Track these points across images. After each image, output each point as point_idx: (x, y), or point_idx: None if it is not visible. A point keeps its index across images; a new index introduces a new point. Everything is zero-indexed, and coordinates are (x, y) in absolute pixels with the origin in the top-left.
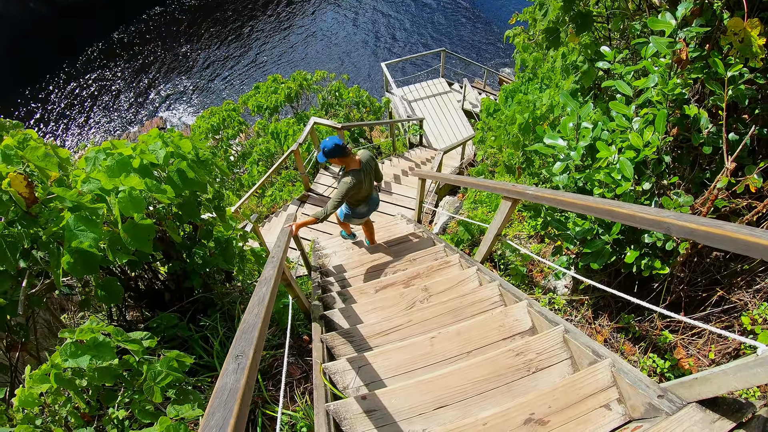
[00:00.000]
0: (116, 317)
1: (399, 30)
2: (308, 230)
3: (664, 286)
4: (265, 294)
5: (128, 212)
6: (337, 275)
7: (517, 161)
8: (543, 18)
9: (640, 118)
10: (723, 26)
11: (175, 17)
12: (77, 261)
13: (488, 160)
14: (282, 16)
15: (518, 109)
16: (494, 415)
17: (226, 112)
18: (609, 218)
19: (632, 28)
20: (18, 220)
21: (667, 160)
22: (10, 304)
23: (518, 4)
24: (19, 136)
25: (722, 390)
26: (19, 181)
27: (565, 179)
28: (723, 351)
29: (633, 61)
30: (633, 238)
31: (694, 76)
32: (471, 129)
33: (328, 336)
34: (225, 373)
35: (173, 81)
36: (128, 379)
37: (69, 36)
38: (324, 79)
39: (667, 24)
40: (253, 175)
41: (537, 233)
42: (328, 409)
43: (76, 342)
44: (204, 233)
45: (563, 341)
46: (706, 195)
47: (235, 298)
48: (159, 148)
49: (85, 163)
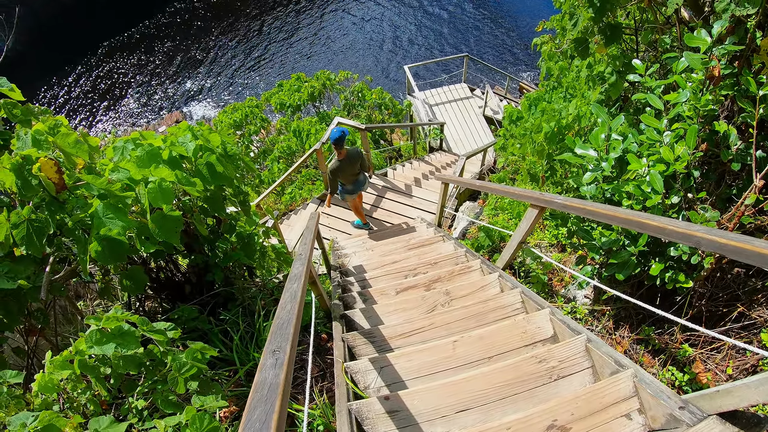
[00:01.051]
0: (135, 307)
1: (420, 33)
2: (328, 230)
3: (686, 300)
4: (296, 290)
5: (157, 203)
6: (357, 275)
7: (541, 169)
8: (573, 28)
9: (671, 132)
10: (755, 45)
11: (198, 12)
12: (105, 248)
13: (509, 167)
14: (304, 15)
15: (544, 118)
16: (517, 420)
17: (249, 108)
18: (639, 230)
19: (662, 41)
20: (45, 206)
21: (696, 175)
22: (33, 288)
23: (539, 10)
24: (50, 122)
25: (743, 403)
26: (50, 167)
27: (593, 189)
28: (741, 366)
29: (660, 75)
30: (658, 250)
31: (724, 92)
32: (491, 135)
33: (350, 335)
34: (263, 367)
35: (194, 75)
36: (151, 369)
37: (92, 27)
38: (347, 79)
39: (703, 41)
40: (274, 172)
41: (558, 242)
42: (351, 408)
43: (101, 329)
44: (227, 227)
45: (585, 350)
46: (733, 211)
47: (255, 293)
48: (189, 141)
49: (113, 152)
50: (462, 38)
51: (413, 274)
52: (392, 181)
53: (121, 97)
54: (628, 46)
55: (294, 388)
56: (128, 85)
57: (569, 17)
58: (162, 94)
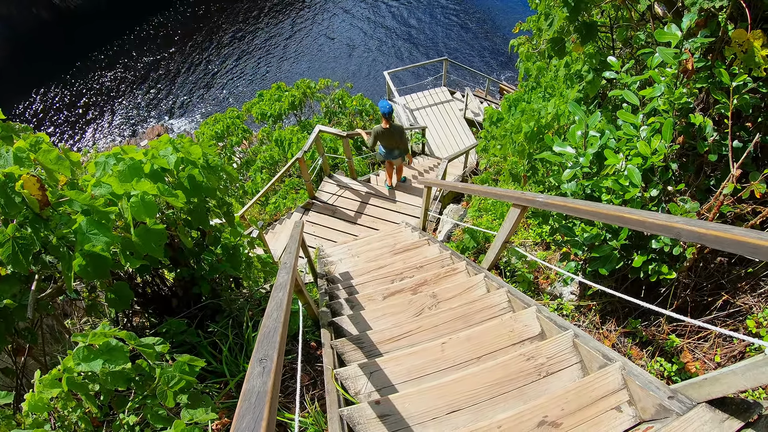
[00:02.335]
0: (122, 323)
1: (399, 38)
2: (313, 238)
3: (670, 291)
4: (282, 298)
5: (140, 217)
6: (343, 282)
7: (522, 169)
8: (549, 28)
9: (647, 127)
10: (727, 37)
11: (176, 27)
12: (89, 264)
13: (491, 168)
14: (283, 26)
15: (523, 118)
16: (508, 418)
17: (230, 120)
18: (619, 224)
19: (636, 38)
20: (30, 223)
21: (673, 168)
22: (19, 307)
23: (515, 12)
24: (31, 139)
25: (731, 390)
26: (32, 183)
27: (573, 186)
28: (728, 354)
29: (636, 70)
30: (640, 243)
31: (699, 85)
32: (473, 138)
33: (338, 342)
34: (251, 376)
35: (174, 88)
36: (140, 384)
37: (69, 42)
38: (327, 87)
39: (674, 35)
40: (257, 182)
41: (543, 240)
42: (342, 414)
43: (88, 346)
44: (212, 239)
45: (573, 345)
46: (713, 201)
47: (242, 304)
48: (170, 154)
49: (95, 167)
50: (441, 42)
51: (399, 278)
52: (375, 187)
53: (102, 112)
54: (604, 43)
55: (286, 397)
56: (108, 99)
57: (545, 17)
58: (143, 108)
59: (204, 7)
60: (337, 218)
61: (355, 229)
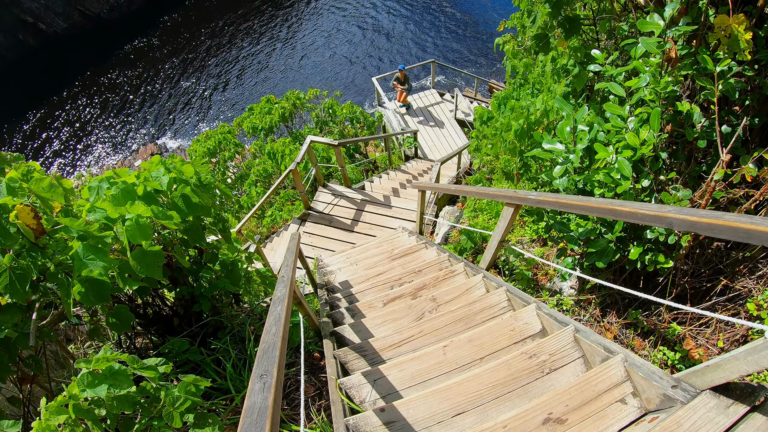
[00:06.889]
0: (125, 345)
1: (387, 42)
2: (311, 248)
3: (669, 280)
4: (280, 313)
5: (136, 240)
6: (343, 291)
7: (515, 167)
8: (532, 25)
9: (634, 118)
10: (709, 23)
11: (162, 47)
12: (88, 290)
13: (485, 168)
14: (265, 38)
15: (513, 116)
16: (513, 417)
17: (222, 135)
18: (612, 217)
19: (620, 29)
20: (26, 252)
21: (663, 157)
22: (21, 336)
23: (500, 10)
24: (23, 169)
25: (734, 375)
26: (26, 213)
27: (565, 182)
28: (731, 339)
29: (622, 61)
30: (635, 234)
31: (684, 72)
32: (465, 138)
33: (341, 351)
34: (252, 392)
35: (163, 107)
36: (146, 406)
37: (56, 67)
38: (317, 96)
39: (656, 25)
40: (252, 196)
41: (539, 237)
42: (348, 424)
43: (92, 371)
44: (210, 257)
45: (574, 341)
46: (704, 187)
47: (244, 319)
48: (162, 175)
49: (89, 192)
50: (428, 44)
51: (399, 284)
52: (370, 194)
53: (94, 135)
54: (588, 36)
55: (292, 409)
56: (100, 123)
57: (528, 14)
58: (134, 129)
59: (189, 27)
60: (333, 227)
61: (353, 237)
